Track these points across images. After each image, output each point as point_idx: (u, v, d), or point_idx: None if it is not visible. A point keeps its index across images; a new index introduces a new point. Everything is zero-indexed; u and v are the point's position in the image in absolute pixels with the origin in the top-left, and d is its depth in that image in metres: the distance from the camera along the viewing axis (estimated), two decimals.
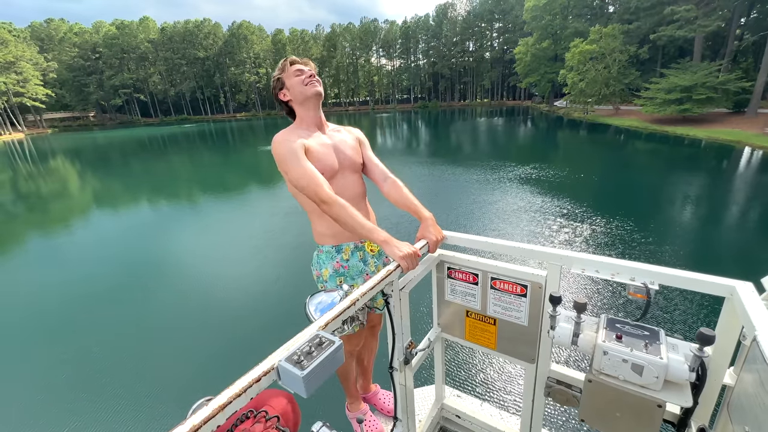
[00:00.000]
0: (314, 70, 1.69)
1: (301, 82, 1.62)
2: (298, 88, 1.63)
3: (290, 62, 1.66)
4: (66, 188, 16.26)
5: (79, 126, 65.13)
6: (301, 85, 1.62)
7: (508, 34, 62.37)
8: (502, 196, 10.57)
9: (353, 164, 1.75)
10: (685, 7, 26.49)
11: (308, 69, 1.66)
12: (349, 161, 1.73)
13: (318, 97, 1.65)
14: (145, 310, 5.67)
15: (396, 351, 1.42)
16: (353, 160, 1.76)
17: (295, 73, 1.63)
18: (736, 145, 18.07)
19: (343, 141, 1.74)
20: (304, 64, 1.68)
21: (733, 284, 1.02)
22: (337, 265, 1.66)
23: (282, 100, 1.70)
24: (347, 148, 1.75)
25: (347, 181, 1.72)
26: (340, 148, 1.71)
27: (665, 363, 0.97)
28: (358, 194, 1.78)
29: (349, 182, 1.73)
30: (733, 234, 7.99)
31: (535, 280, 1.36)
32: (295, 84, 1.63)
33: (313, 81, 1.63)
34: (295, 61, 1.67)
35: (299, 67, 1.64)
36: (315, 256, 1.74)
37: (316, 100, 1.66)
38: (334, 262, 1.67)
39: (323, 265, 1.69)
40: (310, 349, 0.85)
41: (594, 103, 33.43)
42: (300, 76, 1.63)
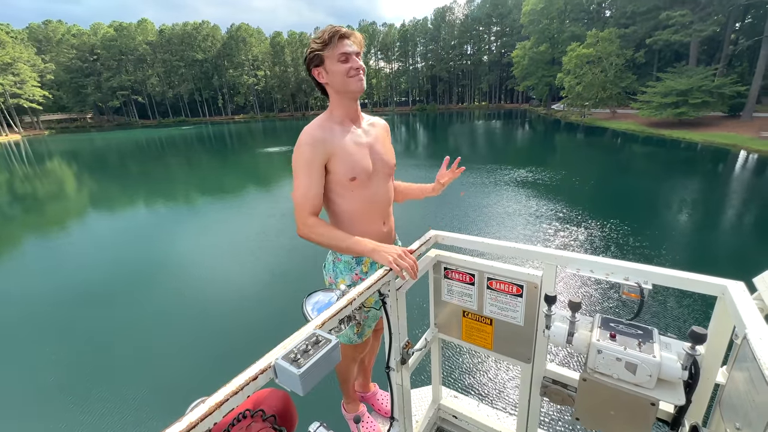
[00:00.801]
0: (361, 54, 1.44)
1: (345, 72, 1.38)
2: (339, 78, 1.40)
3: (338, 36, 1.36)
4: (61, 190, 16.19)
5: (77, 128, 64.89)
6: (344, 77, 1.39)
7: (505, 37, 62.75)
8: (498, 199, 10.61)
9: (388, 167, 1.60)
10: (681, 12, 26.74)
11: (355, 54, 1.40)
12: (385, 164, 1.58)
13: (361, 92, 1.45)
14: (141, 310, 5.65)
15: (393, 351, 1.42)
16: (389, 162, 1.60)
17: (340, 57, 1.37)
18: (731, 149, 18.21)
19: (378, 139, 1.58)
20: (352, 43, 1.39)
21: (725, 284, 1.04)
22: (356, 277, 1.56)
23: (315, 79, 1.46)
24: (383, 148, 1.59)
25: (380, 188, 1.58)
26: (376, 148, 1.55)
27: (658, 361, 0.98)
28: (389, 201, 1.64)
29: (382, 189, 1.59)
30: (727, 235, 8.04)
31: (530, 280, 1.37)
32: (337, 72, 1.39)
33: (360, 74, 1.41)
34: (344, 36, 1.37)
35: (346, 51, 1.37)
36: (331, 263, 1.62)
37: (358, 95, 1.47)
38: (353, 273, 1.57)
39: (340, 274, 1.59)
40: (307, 348, 0.85)
41: (591, 106, 33.63)
42: (345, 64, 1.38)
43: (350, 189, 1.47)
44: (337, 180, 1.45)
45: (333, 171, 1.44)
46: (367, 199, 1.52)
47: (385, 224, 1.61)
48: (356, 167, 1.45)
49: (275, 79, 71.78)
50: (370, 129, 1.58)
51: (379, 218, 1.58)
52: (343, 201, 1.50)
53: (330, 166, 1.43)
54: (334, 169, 1.43)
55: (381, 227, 1.59)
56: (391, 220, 1.68)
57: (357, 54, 1.40)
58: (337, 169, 1.43)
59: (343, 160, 1.42)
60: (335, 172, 1.43)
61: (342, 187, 1.47)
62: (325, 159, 1.40)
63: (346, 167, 1.43)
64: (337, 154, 1.41)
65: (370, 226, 1.55)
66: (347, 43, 1.38)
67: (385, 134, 1.65)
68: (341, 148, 1.42)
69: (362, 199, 1.51)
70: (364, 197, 1.51)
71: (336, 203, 1.51)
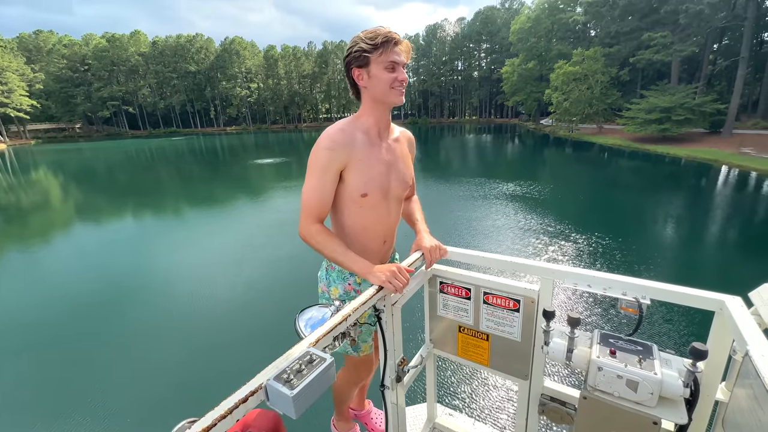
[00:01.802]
0: (405, 66, 1.37)
1: (389, 82, 1.32)
2: (382, 87, 1.33)
3: (391, 41, 1.29)
4: (46, 201, 15.82)
5: (64, 137, 63.93)
6: (388, 87, 1.33)
7: (495, 54, 64.38)
8: (488, 213, 10.68)
9: (405, 188, 1.53)
10: (662, 33, 27.85)
11: (402, 65, 1.34)
12: (402, 186, 1.50)
13: (399, 105, 1.40)
14: (124, 326, 5.46)
15: (388, 368, 1.38)
16: (406, 183, 1.52)
17: (388, 66, 1.31)
18: (714, 164, 18.75)
19: (401, 157, 1.51)
20: (402, 52, 1.33)
21: (723, 298, 1.03)
22: (349, 287, 1.52)
23: (353, 79, 1.37)
24: (404, 167, 1.51)
25: (391, 209, 1.51)
26: (398, 167, 1.47)
27: (660, 379, 0.97)
28: (397, 222, 1.57)
29: (393, 210, 1.52)
30: (716, 250, 8.19)
31: (527, 294, 1.36)
32: (382, 80, 1.32)
33: (403, 87, 1.36)
34: (397, 43, 1.31)
35: (396, 60, 1.31)
36: (325, 271, 1.58)
37: (393, 106, 1.42)
38: (346, 283, 1.52)
39: (333, 283, 1.54)
40: (301, 367, 0.82)
41: (578, 121, 34.48)
42: (392, 73, 1.31)
43: (359, 205, 1.41)
44: (348, 193, 1.39)
45: (346, 182, 1.37)
46: (375, 218, 1.46)
47: (386, 243, 1.56)
48: (370, 184, 1.38)
49: (268, 91, 72.15)
50: (395, 145, 1.49)
51: (381, 238, 1.53)
52: (349, 215, 1.44)
53: (344, 175, 1.37)
54: (347, 179, 1.37)
55: (381, 246, 1.55)
56: (393, 239, 1.63)
57: (404, 65, 1.35)
58: (350, 180, 1.37)
59: (359, 173, 1.36)
60: (348, 183, 1.37)
61: (351, 201, 1.40)
62: (342, 167, 1.34)
63: (360, 182, 1.36)
64: (353, 164, 1.35)
65: (370, 244, 1.50)
66: (398, 51, 1.32)
67: (409, 150, 1.58)
68: (359, 160, 1.35)
69: (369, 217, 1.45)
70: (372, 216, 1.45)
71: (341, 214, 1.45)
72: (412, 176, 1.58)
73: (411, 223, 1.71)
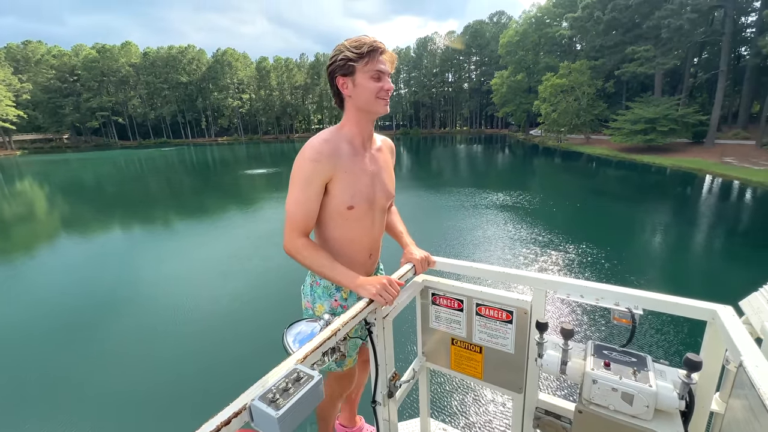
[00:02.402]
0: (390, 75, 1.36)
1: (375, 91, 1.29)
2: (367, 96, 1.30)
3: (377, 50, 1.27)
4: (29, 213, 15.46)
5: (51, 148, 62.89)
6: (374, 96, 1.30)
7: (484, 66, 65.69)
8: (479, 223, 10.72)
9: (388, 198, 1.50)
10: (644, 47, 28.77)
11: (387, 75, 1.32)
12: (386, 195, 1.48)
13: (384, 114, 1.38)
14: (106, 343, 5.25)
15: (379, 384, 1.34)
16: (390, 193, 1.50)
17: (374, 75, 1.28)
18: (698, 173, 19.22)
19: (384, 166, 1.48)
20: (387, 63, 1.31)
21: (715, 308, 1.03)
22: (335, 303, 1.46)
23: (337, 88, 1.34)
24: (387, 177, 1.49)
25: (376, 220, 1.48)
26: (381, 177, 1.45)
27: (655, 391, 0.95)
28: (381, 233, 1.55)
29: (378, 221, 1.49)
30: (705, 258, 8.32)
31: (520, 305, 1.34)
32: (367, 90, 1.29)
33: (388, 97, 1.34)
34: (384, 52, 1.30)
35: (382, 69, 1.29)
36: (309, 286, 1.51)
37: (378, 116, 1.40)
38: (332, 299, 1.46)
39: (318, 299, 1.48)
40: (287, 386, 0.78)
41: (566, 132, 35.16)
42: (377, 83, 1.29)
43: (345, 217, 1.38)
44: (333, 205, 1.35)
45: (331, 194, 1.33)
46: (360, 231, 1.43)
47: (372, 256, 1.54)
48: (357, 196, 1.35)
49: (260, 102, 72.27)
50: (378, 155, 1.47)
51: (367, 250, 1.50)
52: (334, 227, 1.41)
53: (329, 188, 1.33)
54: (332, 192, 1.33)
55: (367, 259, 1.52)
56: (378, 251, 1.60)
57: (389, 75, 1.33)
58: (336, 193, 1.33)
59: (345, 185, 1.32)
60: (333, 195, 1.33)
61: (337, 213, 1.37)
62: (327, 179, 1.30)
63: (346, 194, 1.33)
64: (339, 176, 1.31)
65: (356, 257, 1.47)
66: (384, 60, 1.30)
67: (390, 158, 1.56)
68: (345, 172, 1.32)
69: (355, 230, 1.42)
70: (358, 229, 1.42)
71: (326, 227, 1.41)
72: (394, 184, 1.56)
73: (395, 235, 1.68)
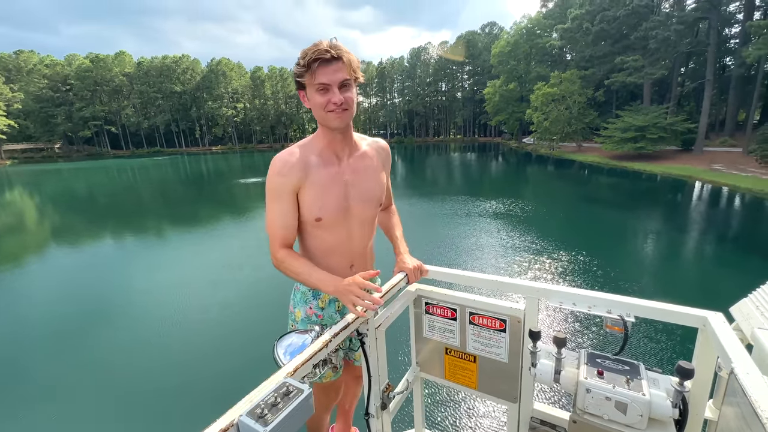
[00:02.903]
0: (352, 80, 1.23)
1: (322, 106, 1.22)
2: (317, 112, 1.25)
3: (318, 61, 1.15)
4: (18, 224, 15.21)
5: (42, 158, 62.23)
6: (322, 110, 1.23)
7: (477, 76, 66.59)
8: (472, 231, 10.75)
9: (370, 208, 1.44)
10: (633, 57, 29.43)
11: (340, 83, 1.20)
12: (365, 206, 1.42)
13: (340, 128, 1.29)
14: (94, 355, 5.14)
15: (372, 395, 1.32)
16: (371, 202, 1.44)
17: (319, 88, 1.19)
18: (688, 180, 19.54)
19: (365, 175, 1.41)
20: (333, 72, 1.17)
21: (705, 315, 1.03)
22: (310, 311, 1.47)
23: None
24: (370, 185, 1.42)
25: (353, 232, 1.43)
26: (360, 187, 1.39)
27: (648, 400, 0.95)
28: (363, 245, 1.49)
29: (355, 233, 1.43)
30: (696, 263, 8.40)
31: (513, 314, 1.34)
32: (315, 104, 1.23)
33: (339, 109, 1.22)
34: (323, 61, 1.16)
35: (324, 81, 1.18)
36: (293, 291, 1.56)
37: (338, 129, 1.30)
38: (307, 306, 1.48)
39: (297, 305, 1.51)
40: (276, 400, 0.77)
41: (558, 140, 35.63)
42: (324, 96, 1.20)
43: (316, 227, 1.37)
44: (305, 217, 1.35)
45: (301, 206, 1.34)
46: (334, 241, 1.41)
47: (353, 267, 1.48)
48: (324, 208, 1.32)
49: (255, 111, 72.40)
50: (360, 163, 1.40)
51: (346, 261, 1.47)
52: (308, 237, 1.42)
53: (299, 199, 1.33)
54: (302, 203, 1.33)
55: (348, 270, 1.47)
56: (366, 261, 1.54)
57: (342, 82, 1.20)
58: (304, 204, 1.33)
59: (312, 196, 1.31)
60: (303, 207, 1.34)
61: (308, 224, 1.37)
62: (295, 189, 1.30)
63: (313, 206, 1.32)
64: (306, 187, 1.30)
65: (335, 267, 1.43)
66: (331, 69, 1.17)
67: (379, 162, 1.48)
68: (312, 183, 1.30)
69: (328, 240, 1.41)
70: (331, 239, 1.40)
71: (303, 237, 1.44)
72: (383, 190, 1.49)
73: (390, 239, 1.67)
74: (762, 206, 13.56)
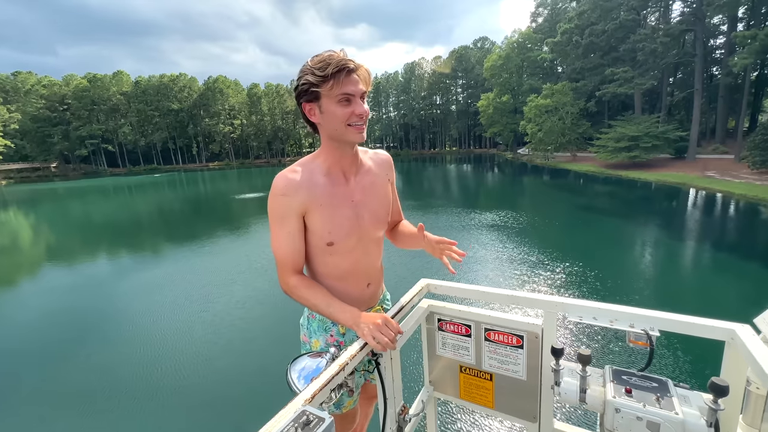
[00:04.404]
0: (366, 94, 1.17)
1: (345, 118, 1.13)
2: (336, 124, 1.14)
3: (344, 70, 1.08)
4: (13, 243, 15.04)
5: (39, 177, 62.08)
6: (343, 124, 1.14)
7: (471, 89, 67.76)
8: (474, 244, 10.72)
9: (379, 227, 1.37)
10: (622, 69, 30.11)
11: (361, 95, 1.13)
12: (375, 225, 1.34)
13: (360, 143, 1.22)
14: (89, 382, 4.95)
15: (388, 419, 1.27)
16: (380, 221, 1.36)
17: (342, 99, 1.11)
18: (682, 187, 19.71)
19: (373, 192, 1.34)
20: (356, 83, 1.11)
21: (733, 327, 1.00)
22: (331, 339, 1.37)
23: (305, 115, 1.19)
24: (379, 203, 1.35)
25: (369, 253, 1.35)
26: (369, 206, 1.31)
27: (682, 419, 0.90)
28: (376, 264, 1.42)
29: (371, 253, 1.36)
30: (710, 274, 8.29)
31: (531, 329, 1.30)
32: (335, 117, 1.13)
33: (362, 123, 1.15)
34: (351, 72, 1.10)
35: (350, 91, 1.10)
36: (306, 319, 1.43)
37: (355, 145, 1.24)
38: (327, 335, 1.37)
39: (314, 334, 1.39)
40: (296, 431, 0.72)
41: (553, 150, 36.05)
42: (347, 108, 1.12)
43: (329, 253, 1.27)
44: (314, 242, 1.26)
45: (309, 230, 1.24)
46: (351, 264, 1.32)
47: (370, 286, 1.42)
48: (336, 231, 1.23)
49: (252, 127, 72.95)
50: (366, 180, 1.32)
51: (363, 281, 1.39)
52: (320, 264, 1.31)
53: (307, 222, 1.23)
54: (310, 227, 1.23)
55: (365, 289, 1.41)
56: (379, 278, 1.49)
57: (363, 95, 1.14)
58: (313, 228, 1.23)
59: (322, 220, 1.21)
60: (311, 231, 1.24)
61: (319, 250, 1.27)
62: (302, 211, 1.20)
63: (323, 230, 1.22)
64: (314, 210, 1.20)
65: (351, 291, 1.36)
66: (354, 79, 1.11)
67: (384, 176, 1.40)
68: (321, 206, 1.20)
69: (343, 264, 1.31)
70: (347, 263, 1.31)
71: (313, 264, 1.32)
72: (390, 207, 1.41)
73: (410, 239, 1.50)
74: (758, 212, 13.66)
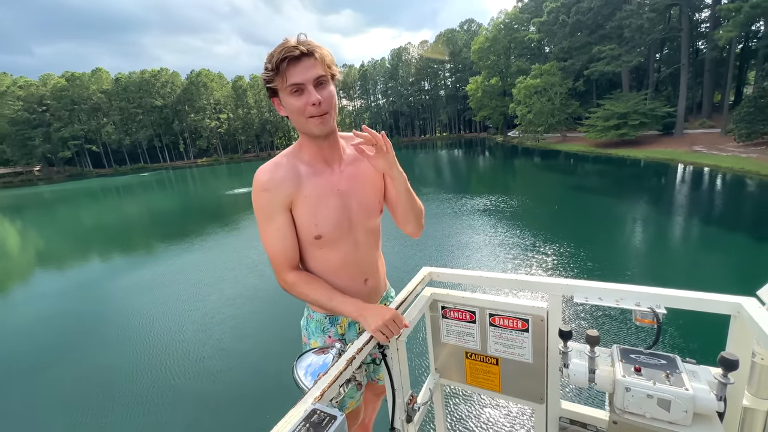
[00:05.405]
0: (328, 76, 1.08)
1: (300, 110, 1.07)
2: (296, 118, 1.10)
3: (284, 59, 1.01)
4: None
5: (22, 182, 60.54)
6: (303, 118, 1.09)
7: (459, 73, 67.05)
8: (469, 229, 10.76)
9: (371, 216, 1.30)
10: (609, 46, 30.00)
11: (314, 81, 1.05)
12: (366, 214, 1.28)
13: (324, 134, 1.14)
14: (81, 385, 4.91)
15: (397, 408, 1.27)
16: (371, 210, 1.30)
17: (292, 90, 1.05)
18: (671, 163, 19.94)
19: (363, 180, 1.27)
20: (306, 70, 1.03)
21: (739, 301, 1.00)
22: (329, 340, 1.35)
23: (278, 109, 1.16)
24: (366, 191, 1.28)
25: (360, 245, 1.29)
26: (359, 194, 1.25)
27: (692, 395, 0.91)
28: (372, 255, 1.36)
29: (362, 245, 1.30)
30: (707, 247, 8.46)
31: (536, 312, 1.29)
32: (292, 110, 1.09)
33: (320, 112, 1.08)
34: (293, 58, 1.02)
35: (298, 81, 1.03)
36: (305, 320, 1.41)
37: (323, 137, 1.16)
38: (326, 336, 1.34)
39: (312, 335, 1.37)
40: (308, 431, 0.70)
41: (543, 131, 36.07)
42: (299, 99, 1.06)
43: (318, 246, 1.22)
44: (302, 236, 1.21)
45: (297, 223, 1.19)
46: (342, 258, 1.26)
47: (368, 282, 1.37)
48: (323, 223, 1.18)
49: (239, 121, 71.62)
50: (353, 168, 1.26)
51: (360, 276, 1.34)
52: (311, 258, 1.26)
53: (294, 215, 1.18)
54: (297, 220, 1.19)
55: (362, 287, 1.35)
56: (378, 273, 1.43)
57: (317, 79, 1.05)
58: (299, 221, 1.18)
59: (307, 212, 1.17)
60: (299, 224, 1.19)
61: (308, 244, 1.22)
62: (287, 205, 1.15)
63: (309, 222, 1.18)
64: (299, 202, 1.16)
65: (349, 286, 1.30)
66: (302, 67, 1.03)
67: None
68: (305, 197, 1.16)
69: (334, 258, 1.26)
70: (338, 256, 1.26)
71: (305, 259, 1.27)
72: (381, 195, 1.34)
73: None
74: (744, 184, 13.90)
